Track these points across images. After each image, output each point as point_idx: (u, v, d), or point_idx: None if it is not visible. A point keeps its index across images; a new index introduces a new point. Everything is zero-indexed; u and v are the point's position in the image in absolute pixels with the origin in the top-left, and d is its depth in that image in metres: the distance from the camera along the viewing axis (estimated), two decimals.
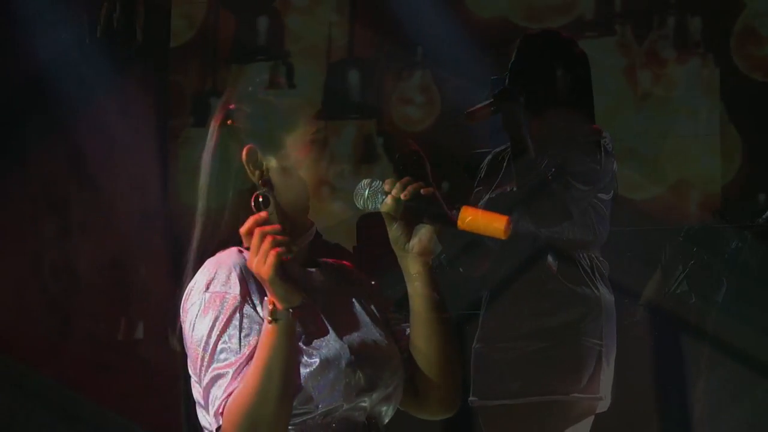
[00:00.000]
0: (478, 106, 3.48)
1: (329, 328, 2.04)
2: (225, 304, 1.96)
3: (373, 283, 2.22)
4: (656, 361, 4.77)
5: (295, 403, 1.96)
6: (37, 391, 5.84)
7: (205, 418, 2.02)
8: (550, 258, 3.47)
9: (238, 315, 1.96)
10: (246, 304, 1.97)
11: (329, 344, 2.01)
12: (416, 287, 2.11)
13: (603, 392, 3.44)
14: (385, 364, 2.07)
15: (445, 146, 5.54)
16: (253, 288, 1.98)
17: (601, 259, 3.55)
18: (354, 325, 2.09)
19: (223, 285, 1.97)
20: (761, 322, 4.72)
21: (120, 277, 6.46)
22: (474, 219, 2.05)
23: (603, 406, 3.47)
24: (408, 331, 2.16)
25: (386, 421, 2.10)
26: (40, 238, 6.35)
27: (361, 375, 2.01)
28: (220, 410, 1.93)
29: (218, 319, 1.95)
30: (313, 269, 2.14)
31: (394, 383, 2.08)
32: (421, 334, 2.12)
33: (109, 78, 6.38)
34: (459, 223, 2.04)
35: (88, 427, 5.77)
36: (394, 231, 2.08)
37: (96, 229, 6.37)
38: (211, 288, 1.97)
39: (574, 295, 3.44)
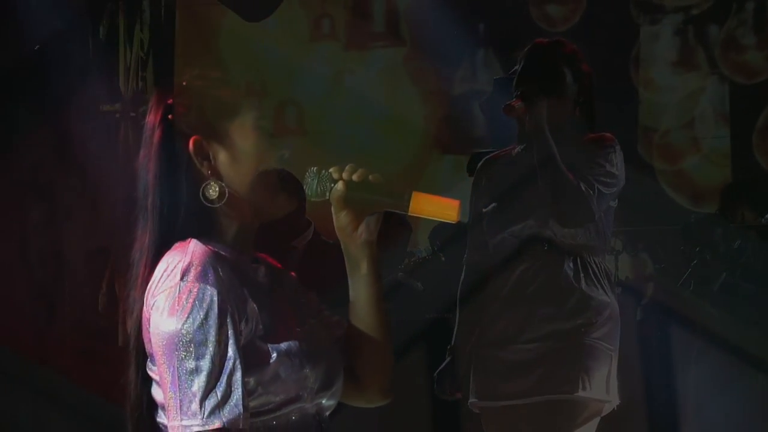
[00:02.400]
0: (513, 100, 3.50)
1: (284, 326, 2.03)
2: (204, 295, 1.92)
3: (292, 274, 2.20)
4: (651, 355, 4.81)
5: (257, 403, 1.95)
6: (22, 376, 5.83)
7: (160, 395, 1.97)
8: (568, 265, 3.49)
9: (216, 309, 1.91)
10: (223, 299, 1.92)
11: (288, 341, 1.99)
12: (363, 273, 2.11)
13: (611, 395, 3.47)
14: (334, 361, 2.08)
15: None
16: (227, 286, 1.95)
17: (607, 264, 3.58)
18: (300, 323, 2.08)
19: (200, 276, 1.93)
20: (756, 318, 4.77)
21: (106, 264, 6.45)
22: (424, 204, 2.04)
23: (608, 408, 3.50)
24: (341, 321, 2.17)
25: (328, 414, 2.09)
26: (27, 225, 6.33)
27: (317, 374, 2.02)
28: (199, 410, 1.88)
29: (194, 309, 1.91)
30: (258, 265, 2.10)
31: (340, 379, 2.09)
32: (363, 321, 2.13)
33: (101, 67, 6.37)
34: (410, 208, 2.03)
35: (73, 412, 5.77)
36: (342, 219, 2.08)
37: (83, 215, 6.36)
38: (187, 277, 1.93)
39: (587, 299, 3.47)
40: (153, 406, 2.01)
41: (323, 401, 2.05)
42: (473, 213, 3.68)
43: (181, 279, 1.93)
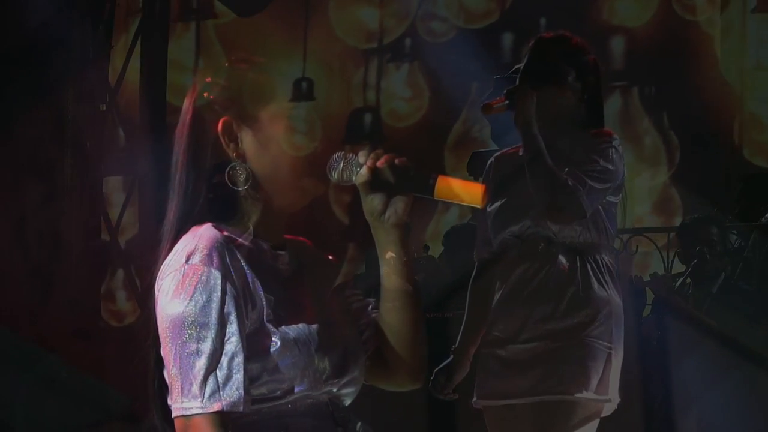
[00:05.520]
0: (495, 99, 3.48)
1: (298, 313, 2.03)
2: (208, 278, 1.93)
3: (330, 257, 2.21)
4: (653, 355, 4.82)
5: (263, 390, 1.96)
6: (16, 355, 5.83)
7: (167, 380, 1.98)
8: (562, 260, 3.48)
9: (219, 292, 1.92)
10: (227, 283, 1.94)
11: (299, 329, 2.00)
12: (391, 257, 2.12)
13: (611, 394, 3.46)
14: (350, 352, 2.08)
15: None
16: (233, 270, 1.96)
17: (610, 261, 3.56)
18: (319, 311, 2.08)
19: (205, 259, 1.94)
20: (752, 313, 4.78)
21: (103, 245, 6.45)
22: (450, 188, 2.05)
23: (609, 408, 3.48)
24: (371, 305, 2.17)
25: (348, 402, 2.10)
26: (25, 204, 6.32)
27: (328, 363, 2.02)
28: (199, 392, 1.89)
29: (197, 292, 1.92)
30: (282, 252, 2.10)
31: (358, 368, 2.09)
32: (394, 305, 2.13)
33: (97, 47, 6.35)
34: (436, 192, 2.04)
35: (67, 391, 5.77)
36: (369, 203, 2.08)
37: (81, 195, 6.35)
38: (191, 261, 1.94)
39: (586, 297, 3.45)
40: (165, 387, 2.00)
41: (334, 390, 2.05)
42: (479, 210, 3.67)
43: (186, 262, 1.94)
